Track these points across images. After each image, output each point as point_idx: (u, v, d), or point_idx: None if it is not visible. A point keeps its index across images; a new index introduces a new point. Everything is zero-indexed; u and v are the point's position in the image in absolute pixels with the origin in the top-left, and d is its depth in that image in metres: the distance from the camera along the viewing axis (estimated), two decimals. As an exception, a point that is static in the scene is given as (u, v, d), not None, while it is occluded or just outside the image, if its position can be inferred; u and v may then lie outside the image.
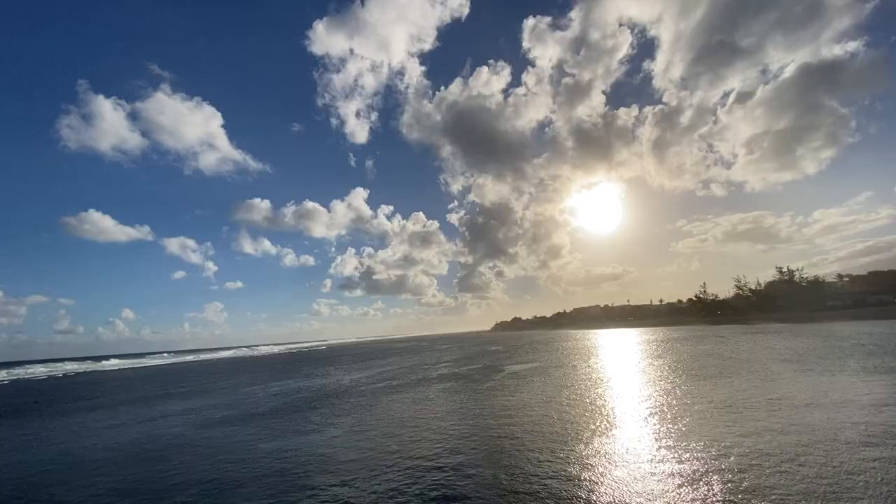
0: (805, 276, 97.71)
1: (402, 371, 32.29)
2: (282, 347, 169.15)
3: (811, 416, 10.67)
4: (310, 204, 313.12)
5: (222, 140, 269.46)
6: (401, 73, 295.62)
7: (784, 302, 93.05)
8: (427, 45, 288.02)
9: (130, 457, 11.81)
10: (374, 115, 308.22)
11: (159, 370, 58.81)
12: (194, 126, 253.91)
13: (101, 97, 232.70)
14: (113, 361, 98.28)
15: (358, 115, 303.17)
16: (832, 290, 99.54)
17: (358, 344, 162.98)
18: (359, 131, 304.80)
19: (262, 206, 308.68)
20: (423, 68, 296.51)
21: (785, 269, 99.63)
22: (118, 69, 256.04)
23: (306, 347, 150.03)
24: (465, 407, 15.50)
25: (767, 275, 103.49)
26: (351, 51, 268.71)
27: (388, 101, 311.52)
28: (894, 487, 6.34)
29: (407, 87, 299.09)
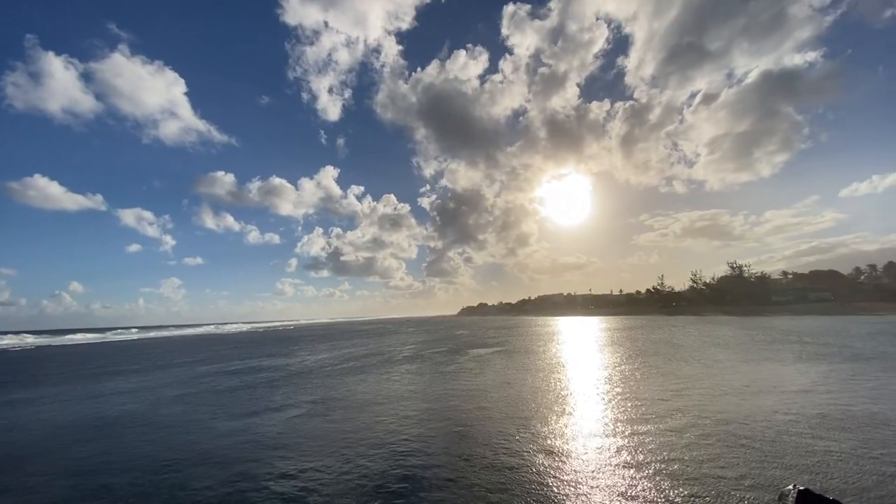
0: (754, 272, 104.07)
1: (368, 352, 32.29)
2: (249, 326, 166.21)
3: (751, 402, 11.49)
4: (277, 180, 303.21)
5: (185, 109, 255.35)
6: (377, 50, 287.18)
7: (734, 296, 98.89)
8: (405, 24, 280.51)
9: (74, 434, 11.31)
10: (347, 93, 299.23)
11: (120, 345, 56.29)
12: (155, 92, 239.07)
13: (51, 54, 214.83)
14: (78, 336, 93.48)
15: (331, 91, 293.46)
16: (777, 287, 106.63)
17: (327, 325, 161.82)
18: (331, 108, 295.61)
19: (226, 179, 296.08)
20: (400, 48, 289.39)
21: (735, 265, 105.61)
22: (71, 25, 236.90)
23: (274, 327, 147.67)
24: (428, 389, 15.73)
25: (721, 270, 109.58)
26: (325, 24, 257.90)
27: (363, 79, 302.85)
28: (824, 464, 6.98)
29: (383, 66, 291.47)
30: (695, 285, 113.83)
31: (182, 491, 7.20)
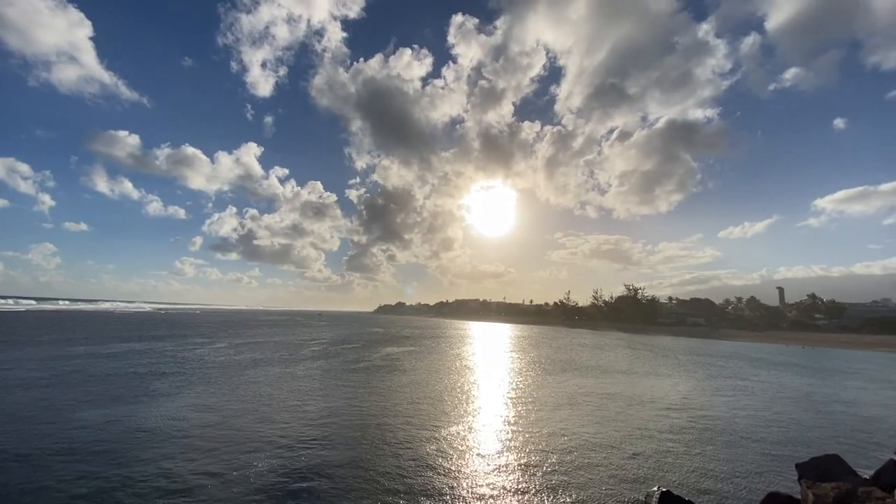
0: (647, 295, 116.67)
1: (273, 345, 30.67)
2: (152, 307, 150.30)
3: (630, 412, 12.91)
4: (190, 150, 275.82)
5: (89, 55, 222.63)
6: (320, 33, 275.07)
7: (627, 315, 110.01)
8: (352, 13, 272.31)
9: None
10: (282, 70, 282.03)
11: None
12: (53, 30, 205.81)
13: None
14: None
15: (264, 65, 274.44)
16: (663, 309, 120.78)
17: (236, 312, 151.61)
18: (262, 83, 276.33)
19: (129, 141, 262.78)
20: (345, 35, 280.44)
21: (632, 288, 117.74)
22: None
23: (179, 309, 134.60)
24: (333, 386, 15.37)
25: (618, 290, 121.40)
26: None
27: (301, 60, 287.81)
28: (686, 469, 8.07)
29: (324, 50, 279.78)
30: (596, 302, 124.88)
31: (32, 492, 6.22)
